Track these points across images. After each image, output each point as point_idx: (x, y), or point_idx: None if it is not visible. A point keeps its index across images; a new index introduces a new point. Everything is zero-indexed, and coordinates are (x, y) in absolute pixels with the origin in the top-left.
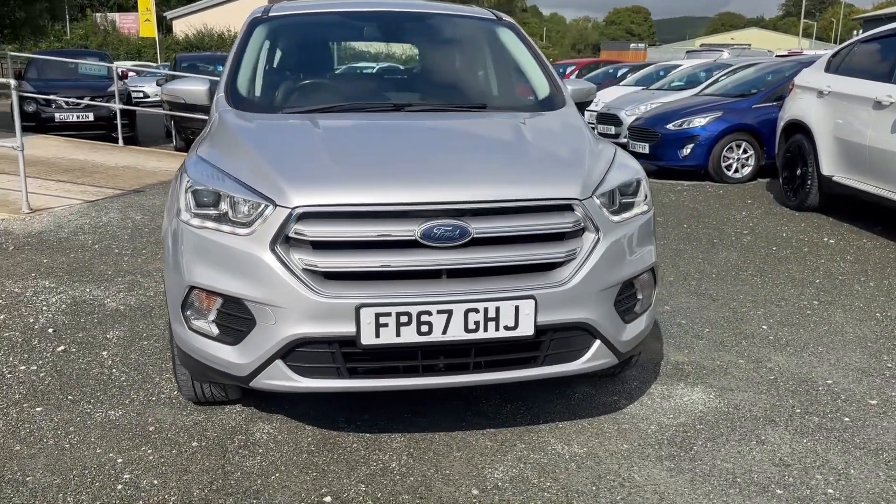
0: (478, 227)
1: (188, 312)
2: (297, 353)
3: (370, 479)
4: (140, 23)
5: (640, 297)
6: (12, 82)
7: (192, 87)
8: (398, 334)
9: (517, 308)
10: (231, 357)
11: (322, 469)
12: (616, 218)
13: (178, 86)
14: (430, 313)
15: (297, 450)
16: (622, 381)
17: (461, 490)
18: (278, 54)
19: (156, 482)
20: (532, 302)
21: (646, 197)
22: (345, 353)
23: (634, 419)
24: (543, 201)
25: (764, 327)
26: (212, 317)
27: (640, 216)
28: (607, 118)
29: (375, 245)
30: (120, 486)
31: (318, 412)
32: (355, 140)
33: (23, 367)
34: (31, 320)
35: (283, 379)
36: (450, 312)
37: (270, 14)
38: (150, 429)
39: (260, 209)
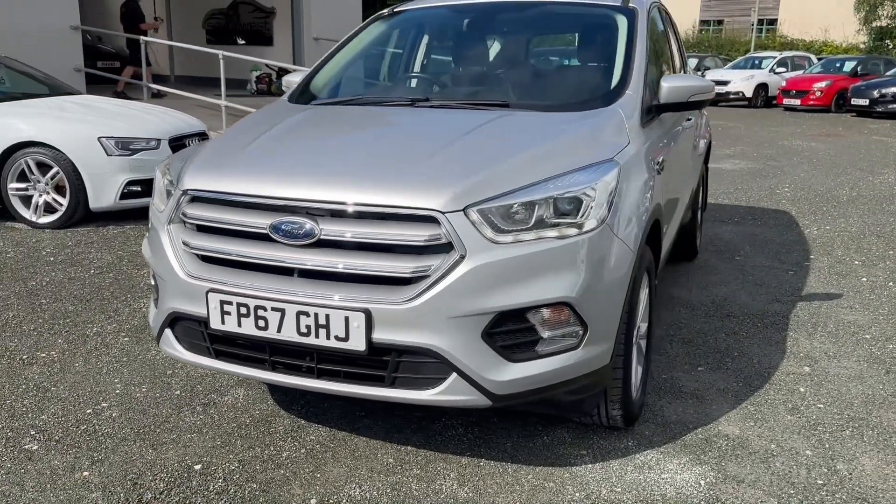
0: (327, 229)
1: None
2: (179, 326)
3: (250, 460)
4: None
5: (543, 335)
6: None
7: (291, 79)
8: (239, 325)
9: (347, 319)
10: (151, 319)
11: (228, 439)
12: (504, 238)
13: (287, 78)
14: (265, 309)
15: (234, 418)
16: (618, 437)
17: (306, 494)
18: (370, 50)
19: (114, 415)
20: (363, 315)
21: (588, 218)
22: (211, 335)
23: (568, 481)
24: (395, 209)
25: None
26: (152, 282)
27: (555, 240)
28: None
29: (236, 234)
30: (89, 411)
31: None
32: (297, 133)
33: None
34: None
35: (172, 348)
36: (282, 311)
37: (396, 10)
38: (169, 372)
39: (172, 189)
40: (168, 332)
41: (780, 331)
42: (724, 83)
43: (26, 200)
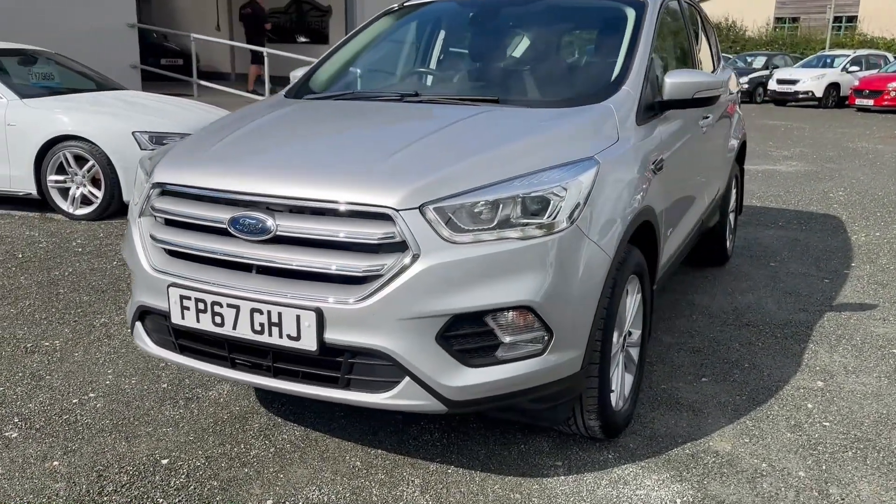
0: (283, 225)
1: None
2: (148, 320)
3: (217, 457)
4: None
5: (504, 339)
6: None
7: (297, 73)
8: (198, 320)
9: (298, 318)
10: (126, 312)
11: (202, 435)
12: (462, 238)
13: (294, 72)
14: (220, 305)
15: (213, 413)
16: (598, 448)
17: (264, 494)
18: (374, 44)
19: (98, 406)
20: (313, 314)
21: (556, 218)
22: (175, 329)
23: (535, 493)
24: (350, 205)
25: None
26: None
27: (518, 241)
28: None
29: (198, 228)
30: (75, 401)
31: None
32: (272, 127)
33: None
34: None
35: (142, 342)
36: (237, 308)
37: (405, 4)
38: (161, 365)
39: (145, 181)
40: (139, 325)
41: (800, 342)
42: (793, 82)
43: (64, 192)
